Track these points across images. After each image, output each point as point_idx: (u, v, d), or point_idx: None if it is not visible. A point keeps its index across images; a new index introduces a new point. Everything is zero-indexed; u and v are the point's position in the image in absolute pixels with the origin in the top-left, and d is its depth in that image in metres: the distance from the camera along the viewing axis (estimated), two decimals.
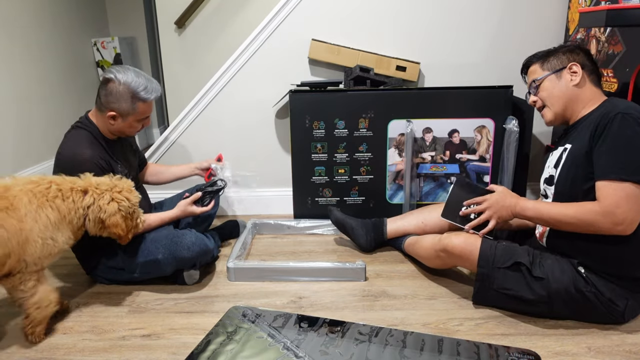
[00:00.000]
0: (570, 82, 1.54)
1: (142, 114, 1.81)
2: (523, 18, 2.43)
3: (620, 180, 1.37)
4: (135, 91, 1.74)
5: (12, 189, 1.45)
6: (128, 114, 1.77)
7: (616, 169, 1.37)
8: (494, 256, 1.57)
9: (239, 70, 2.48)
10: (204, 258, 1.86)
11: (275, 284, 1.87)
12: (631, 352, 1.41)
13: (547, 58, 1.60)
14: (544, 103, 1.61)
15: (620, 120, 1.38)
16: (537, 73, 1.61)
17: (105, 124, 1.80)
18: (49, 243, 1.47)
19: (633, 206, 1.37)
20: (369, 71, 2.36)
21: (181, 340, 1.52)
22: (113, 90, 1.73)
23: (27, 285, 1.48)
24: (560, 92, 1.56)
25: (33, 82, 3.12)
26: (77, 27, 3.72)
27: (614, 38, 1.90)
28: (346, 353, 1.36)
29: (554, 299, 1.51)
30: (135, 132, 1.87)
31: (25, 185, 1.48)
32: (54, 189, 1.51)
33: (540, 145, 2.58)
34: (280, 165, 2.60)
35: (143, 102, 1.78)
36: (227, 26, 3.37)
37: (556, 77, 1.57)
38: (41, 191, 1.49)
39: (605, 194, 1.39)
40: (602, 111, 1.45)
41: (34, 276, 1.49)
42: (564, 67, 1.56)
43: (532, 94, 1.65)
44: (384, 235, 2.10)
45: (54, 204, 1.49)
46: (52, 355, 1.45)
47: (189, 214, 1.91)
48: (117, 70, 1.75)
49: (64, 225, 1.52)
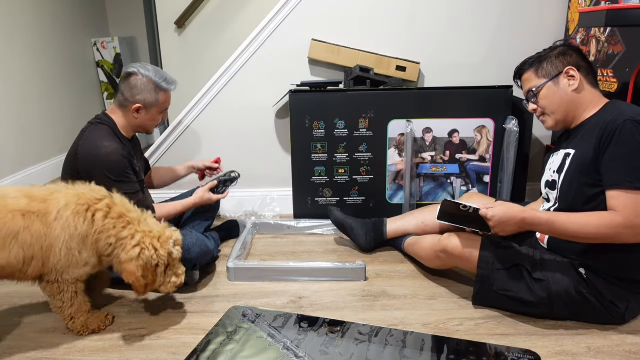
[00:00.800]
0: (568, 87, 1.50)
1: (164, 105, 1.89)
2: (523, 18, 2.43)
3: (636, 189, 1.34)
4: (158, 82, 1.83)
5: (58, 193, 1.43)
6: (152, 105, 1.84)
7: (631, 177, 1.35)
8: (494, 258, 1.57)
9: (239, 70, 2.49)
10: (205, 259, 1.87)
11: (275, 284, 1.87)
12: (631, 352, 1.41)
13: (541, 64, 1.55)
14: (544, 111, 1.57)
15: (630, 127, 1.35)
16: (533, 81, 1.57)
17: (128, 118, 1.85)
18: (74, 254, 1.42)
19: None
20: (369, 71, 2.36)
21: (181, 340, 1.52)
22: (137, 83, 1.81)
23: (66, 296, 1.47)
24: (560, 99, 1.52)
25: (33, 82, 3.12)
26: (77, 27, 3.72)
27: (614, 38, 1.90)
28: (346, 353, 1.36)
29: (555, 301, 1.51)
30: (154, 125, 1.93)
31: (75, 190, 1.45)
32: (104, 203, 1.45)
33: (540, 145, 2.58)
34: (280, 165, 2.60)
35: (165, 93, 1.87)
36: (227, 26, 3.37)
37: (553, 84, 1.53)
38: (88, 200, 1.43)
39: (623, 204, 1.35)
40: (607, 117, 1.42)
41: (71, 287, 1.47)
42: (560, 72, 1.52)
43: (531, 102, 1.60)
44: (383, 235, 2.10)
45: (92, 218, 1.42)
46: (52, 355, 1.45)
47: (207, 201, 1.98)
48: (137, 66, 1.84)
49: (89, 243, 1.43)
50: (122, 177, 1.75)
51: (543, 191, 1.65)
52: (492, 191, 2.39)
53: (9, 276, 1.43)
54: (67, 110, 3.50)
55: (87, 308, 1.54)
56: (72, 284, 1.47)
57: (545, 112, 1.57)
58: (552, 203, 1.59)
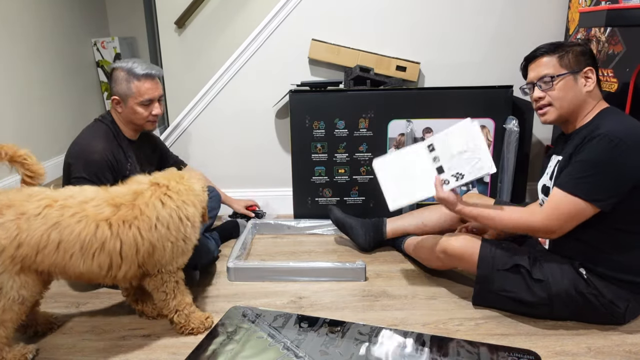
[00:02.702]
0: (584, 87, 1.47)
1: (140, 94, 1.79)
2: (523, 18, 2.43)
3: (570, 193, 1.40)
4: (130, 69, 1.79)
5: (144, 195, 1.41)
6: (127, 95, 1.79)
7: (572, 182, 1.40)
8: (494, 258, 1.57)
9: (239, 70, 2.49)
10: (205, 259, 1.87)
11: (275, 284, 1.87)
12: (631, 352, 1.41)
13: (565, 54, 1.47)
14: (551, 102, 1.49)
15: (598, 141, 1.37)
16: (554, 68, 1.47)
17: (116, 115, 1.85)
18: (180, 245, 1.44)
19: (568, 222, 1.43)
20: (369, 71, 2.36)
21: (181, 340, 1.52)
22: (115, 75, 1.81)
23: (169, 286, 1.49)
24: (573, 96, 1.47)
25: (33, 82, 3.12)
26: (77, 27, 3.72)
27: (614, 38, 1.90)
28: (346, 353, 1.36)
29: (554, 301, 1.50)
30: (143, 120, 1.84)
31: (160, 185, 1.45)
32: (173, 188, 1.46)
33: (540, 145, 2.58)
34: (280, 165, 2.60)
35: (137, 80, 1.79)
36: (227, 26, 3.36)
37: (573, 78, 1.47)
38: (178, 191, 1.45)
39: (549, 207, 1.44)
40: (590, 128, 1.44)
41: (173, 277, 1.49)
42: (581, 69, 1.46)
43: (539, 89, 1.50)
44: (383, 235, 2.09)
45: (193, 201, 1.47)
46: (52, 355, 1.45)
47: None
48: (122, 61, 1.84)
49: (198, 221, 1.49)
50: (94, 177, 1.70)
51: (540, 195, 1.64)
52: (492, 191, 2.39)
53: (91, 280, 1.43)
54: (67, 110, 3.50)
55: (189, 300, 1.55)
56: (174, 273, 1.49)
57: (552, 104, 1.49)
58: None
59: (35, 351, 1.44)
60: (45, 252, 1.29)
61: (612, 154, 1.35)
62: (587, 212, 1.40)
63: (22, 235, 1.26)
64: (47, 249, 1.29)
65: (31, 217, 1.27)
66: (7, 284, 1.28)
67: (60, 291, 1.83)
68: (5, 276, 1.27)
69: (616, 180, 1.37)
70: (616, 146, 1.34)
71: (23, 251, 1.27)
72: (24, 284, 1.31)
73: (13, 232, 1.26)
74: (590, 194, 1.38)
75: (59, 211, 1.30)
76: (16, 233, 1.26)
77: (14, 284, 1.29)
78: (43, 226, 1.28)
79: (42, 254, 1.29)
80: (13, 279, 1.29)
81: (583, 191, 1.39)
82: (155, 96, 1.83)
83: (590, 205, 1.39)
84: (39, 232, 1.27)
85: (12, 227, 1.26)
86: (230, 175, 2.59)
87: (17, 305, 1.31)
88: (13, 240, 1.26)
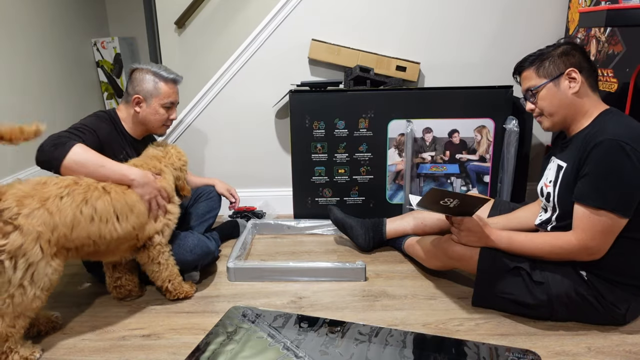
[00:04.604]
0: (569, 89, 1.45)
1: (165, 96, 1.83)
2: (523, 18, 2.43)
3: (596, 207, 1.37)
4: (157, 72, 1.83)
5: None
6: (152, 94, 1.81)
7: (594, 196, 1.37)
8: (494, 260, 1.57)
9: (239, 70, 2.49)
10: (206, 259, 1.87)
11: (275, 284, 1.87)
12: (631, 352, 1.41)
13: (542, 63, 1.48)
14: (542, 112, 1.51)
15: (606, 147, 1.34)
16: (533, 80, 1.50)
17: (131, 113, 1.84)
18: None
19: (607, 238, 1.39)
20: (369, 71, 2.36)
21: (181, 340, 1.52)
22: (137, 76, 1.83)
23: (164, 256, 1.66)
24: (559, 102, 1.47)
25: (33, 82, 3.12)
26: (77, 27, 3.72)
27: (614, 38, 1.90)
28: (346, 353, 1.36)
29: (555, 303, 1.50)
30: (160, 122, 1.86)
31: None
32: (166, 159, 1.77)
33: (540, 145, 2.58)
34: (280, 165, 2.60)
35: (165, 83, 1.83)
36: (227, 26, 3.37)
37: (554, 85, 1.46)
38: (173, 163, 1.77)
39: (582, 226, 1.40)
40: (592, 131, 1.41)
41: (167, 248, 1.67)
42: (561, 73, 1.45)
43: (529, 101, 1.54)
44: (383, 235, 2.10)
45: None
46: (52, 355, 1.45)
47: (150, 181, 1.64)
48: (141, 64, 1.86)
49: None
50: (74, 129, 1.66)
51: (542, 202, 1.64)
52: (492, 191, 2.39)
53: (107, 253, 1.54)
54: (67, 110, 3.49)
55: (177, 270, 1.73)
56: (167, 244, 1.67)
57: (543, 113, 1.52)
58: (549, 214, 1.58)
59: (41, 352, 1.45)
60: (80, 227, 1.39)
61: (628, 161, 1.33)
62: (622, 223, 1.38)
63: (55, 217, 1.34)
64: (82, 224, 1.40)
65: (57, 199, 1.36)
66: (42, 270, 1.32)
67: (61, 291, 1.83)
68: (43, 263, 1.32)
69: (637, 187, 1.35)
70: (629, 152, 1.32)
71: (60, 231, 1.35)
72: (57, 267, 1.37)
73: (46, 217, 1.32)
74: (621, 205, 1.36)
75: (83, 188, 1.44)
76: (49, 217, 1.33)
77: (48, 269, 1.34)
78: (73, 204, 1.38)
79: (78, 228, 1.39)
80: (50, 264, 1.34)
81: (612, 204, 1.36)
82: (177, 101, 1.91)
83: (620, 217, 1.37)
84: (71, 210, 1.37)
85: (43, 214, 1.32)
86: (230, 175, 2.59)
87: (44, 293, 1.35)
88: (48, 224, 1.32)
